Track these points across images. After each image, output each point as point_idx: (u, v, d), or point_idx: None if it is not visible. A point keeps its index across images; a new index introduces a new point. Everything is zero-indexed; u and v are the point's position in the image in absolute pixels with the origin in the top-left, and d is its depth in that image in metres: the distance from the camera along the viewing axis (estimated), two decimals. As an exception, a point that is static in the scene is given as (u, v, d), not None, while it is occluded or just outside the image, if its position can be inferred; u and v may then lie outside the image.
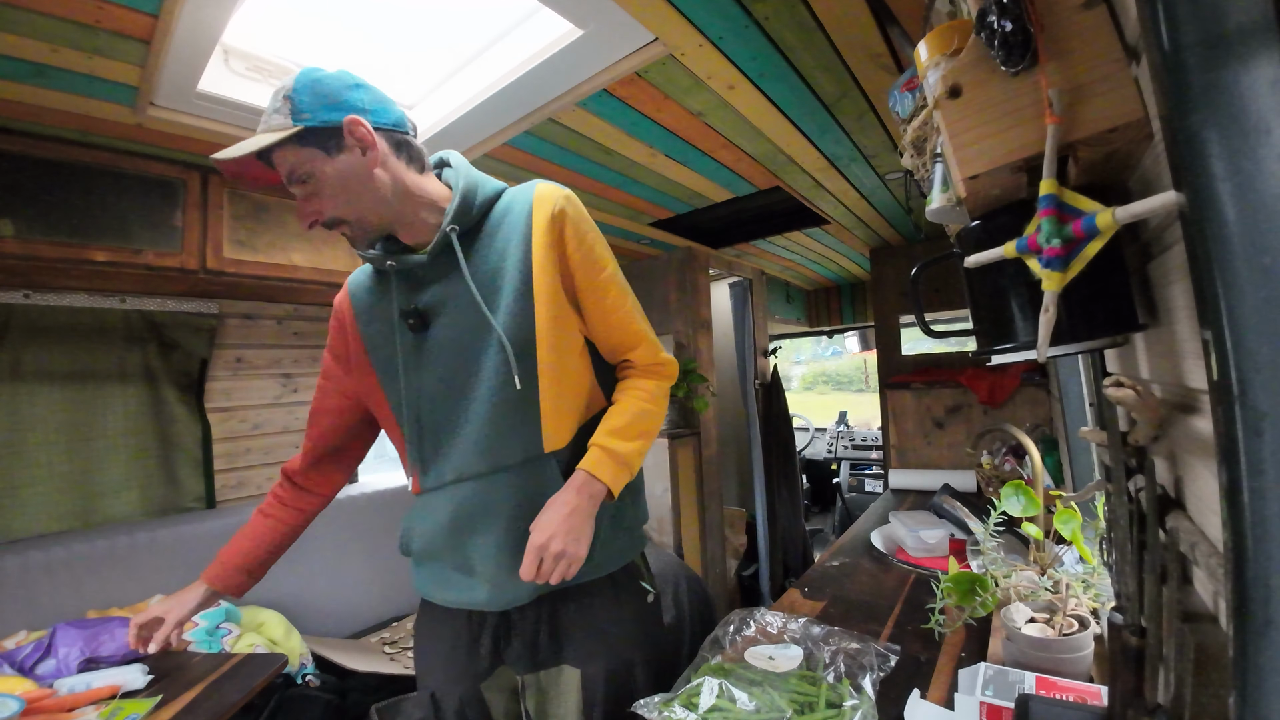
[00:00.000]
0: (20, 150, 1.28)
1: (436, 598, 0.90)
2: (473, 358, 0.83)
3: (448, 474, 0.85)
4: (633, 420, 0.86)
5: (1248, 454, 0.30)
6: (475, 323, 0.82)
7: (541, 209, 0.83)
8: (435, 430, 0.86)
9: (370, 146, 0.78)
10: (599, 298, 0.87)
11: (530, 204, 0.84)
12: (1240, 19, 0.31)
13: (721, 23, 1.06)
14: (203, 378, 1.85)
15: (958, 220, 0.71)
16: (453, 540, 0.85)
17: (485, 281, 0.83)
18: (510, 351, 0.79)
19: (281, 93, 0.75)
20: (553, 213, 0.83)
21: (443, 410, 0.85)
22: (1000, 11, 0.48)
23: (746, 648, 0.97)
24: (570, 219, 0.84)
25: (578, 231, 0.85)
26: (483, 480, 0.83)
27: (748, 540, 3.24)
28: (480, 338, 0.82)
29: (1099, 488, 0.77)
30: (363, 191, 0.78)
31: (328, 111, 0.75)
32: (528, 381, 0.81)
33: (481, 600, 0.84)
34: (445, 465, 0.85)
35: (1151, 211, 0.43)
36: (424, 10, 1.21)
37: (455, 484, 0.84)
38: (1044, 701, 0.71)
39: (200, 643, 1.44)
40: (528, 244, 0.82)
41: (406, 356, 0.85)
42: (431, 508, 0.87)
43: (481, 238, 0.85)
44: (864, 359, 9.05)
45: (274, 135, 0.73)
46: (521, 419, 0.82)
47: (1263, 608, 0.30)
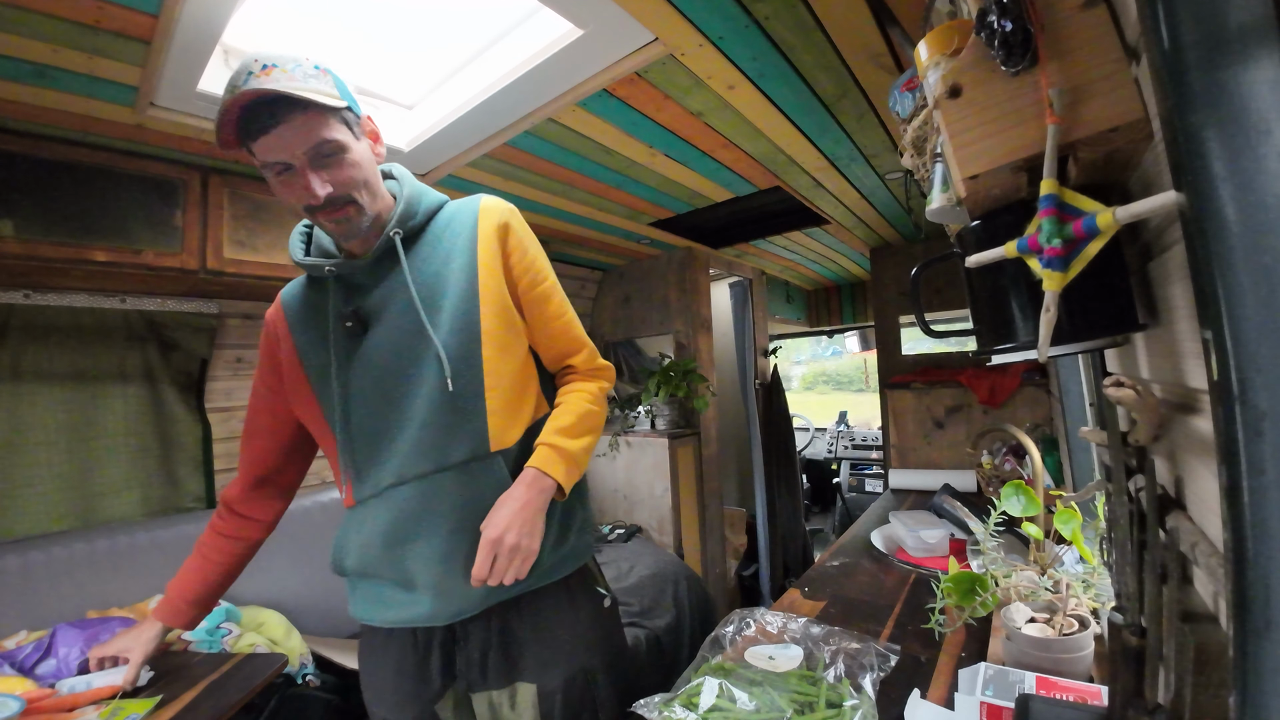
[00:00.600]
0: (20, 150, 1.28)
1: (377, 620, 0.86)
2: (411, 360, 0.81)
3: (385, 478, 0.81)
4: (579, 420, 0.86)
5: (1248, 454, 0.30)
6: (415, 326, 0.81)
7: (488, 219, 0.86)
8: (371, 435, 0.83)
9: (378, 142, 0.81)
10: (541, 306, 0.89)
11: (476, 213, 0.87)
12: (1240, 19, 0.31)
13: (722, 23, 1.06)
14: (203, 378, 1.85)
15: (958, 220, 0.71)
16: (391, 551, 0.81)
17: (427, 285, 0.83)
18: (444, 354, 0.79)
19: (309, 64, 0.74)
20: (499, 223, 0.86)
21: (379, 414, 0.82)
22: (1000, 11, 0.48)
23: (746, 647, 0.97)
24: (514, 230, 0.88)
25: (521, 243, 0.88)
26: (424, 482, 0.80)
27: (748, 540, 3.24)
28: (419, 340, 0.81)
29: (1099, 488, 0.77)
30: (374, 179, 0.81)
31: (352, 100, 0.78)
32: (472, 381, 0.81)
33: (424, 614, 0.81)
34: (383, 470, 0.82)
35: (1152, 211, 0.43)
36: (424, 10, 1.21)
37: (393, 488, 0.81)
38: (1044, 701, 0.71)
39: (200, 643, 1.44)
40: (473, 249, 0.84)
41: (340, 360, 0.83)
42: (367, 518, 0.83)
43: (423, 244, 0.86)
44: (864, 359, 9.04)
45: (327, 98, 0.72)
46: (466, 417, 0.80)
47: (1263, 608, 0.30)
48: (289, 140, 0.72)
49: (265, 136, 0.72)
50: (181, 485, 1.80)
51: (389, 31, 1.25)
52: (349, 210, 0.79)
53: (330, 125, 0.74)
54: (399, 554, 0.81)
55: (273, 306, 0.93)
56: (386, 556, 0.82)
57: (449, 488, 0.80)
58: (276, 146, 0.72)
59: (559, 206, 2.04)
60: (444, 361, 0.79)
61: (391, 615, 0.84)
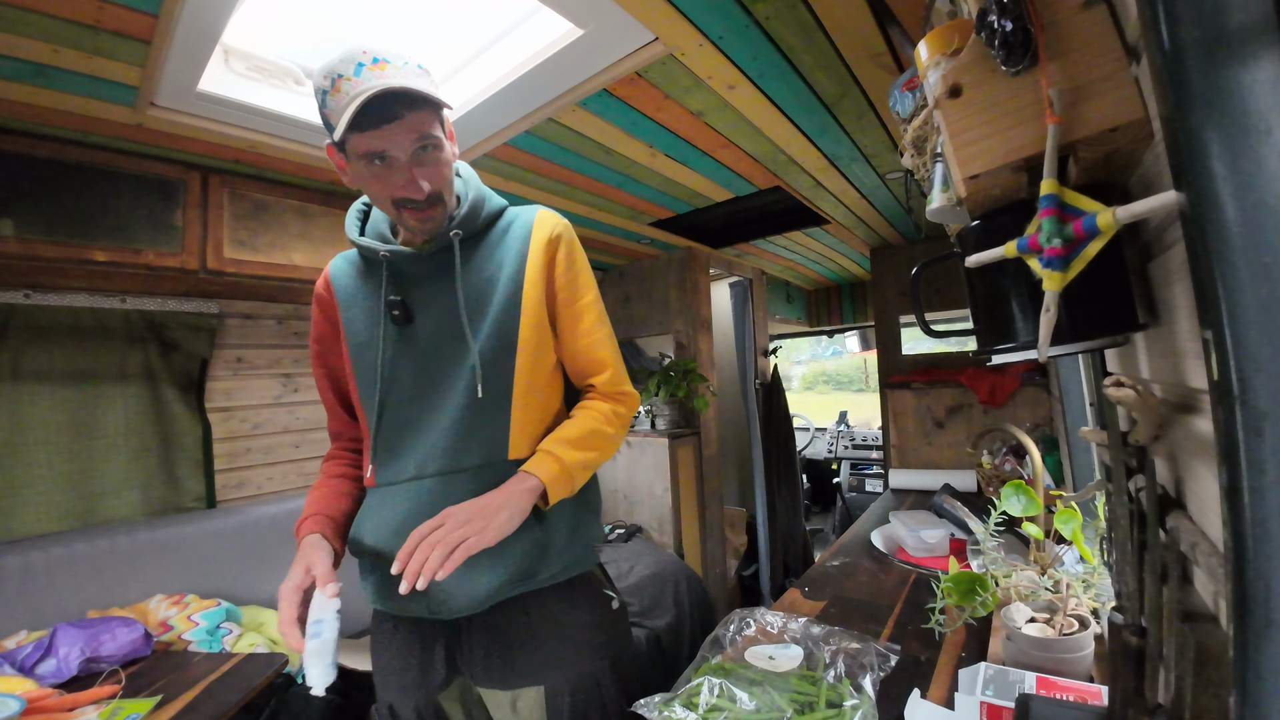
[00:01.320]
0: (20, 150, 1.28)
1: (384, 606, 0.87)
2: (448, 361, 0.83)
3: (406, 470, 0.83)
4: (585, 434, 0.85)
5: (1248, 454, 0.30)
6: (456, 329, 0.83)
7: (541, 229, 0.88)
8: (400, 425, 0.85)
9: (453, 143, 0.84)
10: (575, 320, 0.90)
11: (531, 223, 0.89)
12: (1241, 18, 0.31)
13: (722, 22, 1.06)
14: (203, 377, 1.86)
15: (958, 220, 0.71)
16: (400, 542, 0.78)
17: (474, 290, 0.85)
18: (479, 362, 0.81)
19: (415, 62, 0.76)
20: (550, 235, 0.88)
21: (411, 406, 0.84)
22: (1000, 11, 0.48)
23: (747, 647, 0.97)
24: (565, 242, 0.89)
25: (569, 255, 0.89)
26: (440, 480, 0.81)
27: (748, 540, 3.24)
28: (459, 344, 0.83)
29: (1099, 487, 0.77)
30: (453, 181, 0.84)
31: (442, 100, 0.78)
32: (502, 389, 0.82)
33: (426, 608, 0.81)
34: (404, 462, 0.84)
35: (1152, 211, 0.43)
36: (424, 10, 1.21)
37: (412, 481, 0.82)
38: (1044, 701, 0.71)
39: (200, 642, 1.44)
40: (523, 260, 0.86)
41: (385, 346, 0.85)
42: (385, 504, 0.84)
43: (480, 248, 0.88)
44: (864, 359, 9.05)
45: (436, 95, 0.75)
46: (490, 423, 0.82)
47: (1263, 608, 0.30)
48: (399, 135, 0.74)
49: (376, 130, 0.73)
50: (181, 485, 1.80)
51: (389, 32, 1.25)
52: (437, 210, 0.81)
53: (434, 123, 0.77)
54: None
55: (321, 280, 0.95)
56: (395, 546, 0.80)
57: (462, 489, 0.80)
58: (384, 140, 0.74)
59: (559, 206, 2.04)
60: (478, 369, 0.81)
61: (396, 604, 0.85)
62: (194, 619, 1.48)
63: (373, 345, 0.86)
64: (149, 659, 1.30)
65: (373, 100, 0.70)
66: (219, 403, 1.92)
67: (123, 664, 1.26)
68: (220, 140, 1.39)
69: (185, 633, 1.44)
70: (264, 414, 2.04)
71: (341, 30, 1.25)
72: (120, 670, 1.22)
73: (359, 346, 0.87)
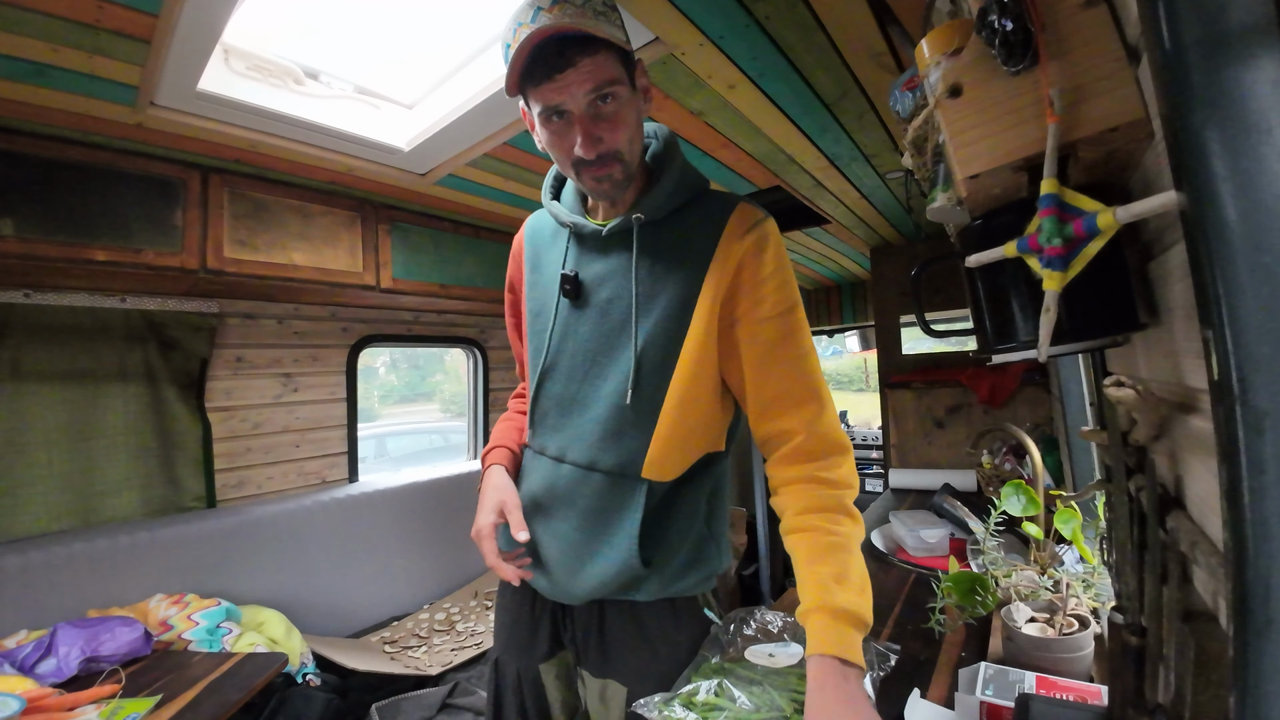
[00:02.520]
0: (20, 150, 1.28)
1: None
2: (609, 351, 0.79)
3: (552, 447, 0.83)
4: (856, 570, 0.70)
5: (1248, 453, 0.30)
6: (623, 320, 0.78)
7: (736, 225, 0.76)
8: (554, 401, 0.83)
9: (651, 96, 0.75)
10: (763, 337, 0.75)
11: (725, 218, 0.76)
12: (1241, 18, 0.31)
13: (722, 22, 1.06)
14: (203, 377, 1.86)
15: (958, 219, 0.71)
16: (536, 513, 0.84)
17: (650, 282, 0.77)
18: (635, 364, 0.75)
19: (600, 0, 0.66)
20: (745, 233, 0.75)
21: (569, 386, 0.82)
22: (1001, 11, 0.48)
23: (747, 646, 0.97)
24: (761, 243, 0.76)
25: (764, 260, 0.75)
26: (577, 470, 0.80)
27: (748, 539, 3.24)
28: (622, 337, 0.77)
29: (1099, 487, 0.77)
30: (639, 136, 0.74)
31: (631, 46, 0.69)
32: (653, 400, 0.76)
33: (542, 587, 0.84)
34: (553, 438, 0.83)
35: (1152, 211, 0.43)
36: (424, 10, 1.21)
37: (555, 461, 0.83)
38: (1044, 701, 0.71)
39: (200, 642, 1.44)
40: (706, 260, 0.75)
41: (559, 318, 0.83)
42: (534, 471, 0.86)
43: (664, 233, 0.78)
44: (864, 359, 9.05)
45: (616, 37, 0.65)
46: (633, 432, 0.77)
47: (1263, 607, 0.30)
48: (571, 85, 0.66)
49: (549, 82, 0.66)
50: (181, 485, 1.80)
51: (389, 31, 1.25)
52: (614, 168, 0.72)
53: (615, 71, 0.67)
54: (538, 519, 0.83)
55: (519, 234, 0.93)
56: (531, 515, 0.84)
57: (594, 488, 0.79)
58: (559, 92, 0.67)
59: (559, 206, 2.04)
60: (631, 372, 0.75)
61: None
62: (194, 618, 1.49)
63: (544, 315, 0.84)
64: (149, 658, 1.30)
65: (544, 46, 0.64)
66: (219, 402, 1.92)
67: (123, 663, 1.26)
68: (220, 140, 1.39)
69: (185, 632, 1.44)
70: (264, 414, 2.04)
71: (341, 30, 1.25)
72: (120, 670, 1.22)
73: (535, 312, 0.87)
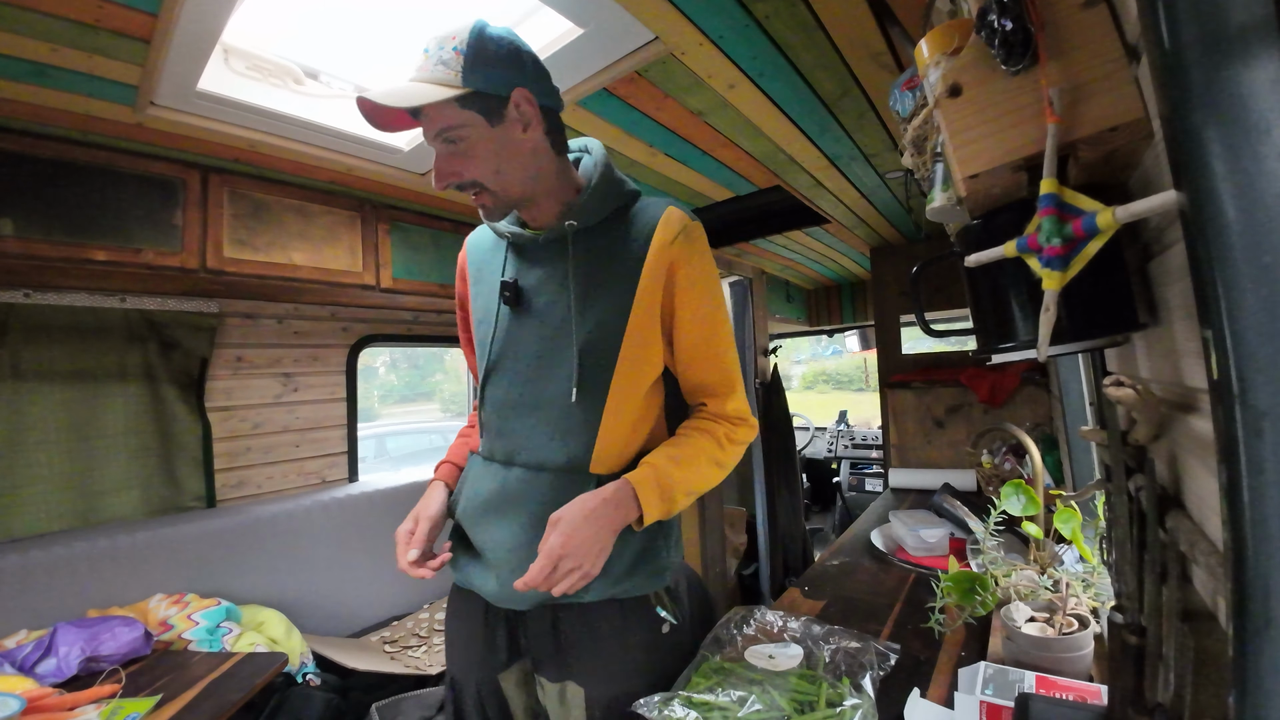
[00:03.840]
0: (20, 150, 1.28)
1: (457, 577, 0.90)
2: (550, 355, 0.82)
3: (500, 451, 0.85)
4: (697, 456, 0.81)
5: (1248, 453, 0.30)
6: (562, 325, 0.81)
7: (665, 231, 0.81)
8: (503, 405, 0.86)
9: (532, 124, 0.77)
10: (695, 334, 0.84)
11: (655, 223, 0.82)
12: (1241, 18, 0.31)
13: (722, 22, 1.06)
14: (203, 377, 1.86)
15: (958, 219, 0.71)
16: (482, 518, 0.85)
17: (587, 285, 0.81)
18: (577, 365, 0.79)
19: (452, 43, 0.72)
20: (674, 237, 0.81)
21: (514, 390, 0.85)
22: (1001, 10, 0.48)
23: (747, 646, 0.97)
24: (689, 247, 0.82)
25: (694, 264, 0.82)
26: (527, 472, 0.82)
27: (748, 539, 3.24)
28: (562, 340, 0.81)
29: (1099, 487, 0.77)
30: (512, 166, 0.77)
31: (498, 78, 0.73)
32: (595, 396, 0.80)
33: (489, 591, 0.84)
34: (501, 442, 0.85)
35: (1152, 211, 0.43)
36: (424, 9, 1.21)
37: (505, 465, 0.84)
38: (1044, 700, 0.71)
39: (200, 642, 1.44)
40: (640, 263, 0.81)
41: (499, 325, 0.86)
42: (481, 476, 0.87)
43: (599, 239, 0.83)
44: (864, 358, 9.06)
45: (442, 91, 0.71)
46: (580, 429, 0.80)
47: (1263, 607, 0.30)
48: (426, 129, 0.76)
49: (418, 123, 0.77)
50: (182, 484, 1.80)
51: (389, 31, 1.25)
52: (481, 196, 0.79)
53: (451, 112, 0.73)
54: (486, 525, 0.84)
55: (462, 249, 0.98)
56: (478, 521, 0.85)
57: (544, 487, 0.81)
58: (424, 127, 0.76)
59: (559, 206, 2.04)
60: (575, 370, 0.79)
61: (465, 577, 0.88)
62: (194, 618, 1.49)
63: (486, 322, 0.87)
64: (149, 658, 1.30)
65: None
66: (219, 402, 1.92)
67: (123, 663, 1.26)
68: (220, 139, 1.38)
69: (185, 632, 1.44)
70: (264, 413, 2.04)
71: (341, 30, 1.25)
72: (120, 669, 1.22)
73: (479, 321, 0.90)
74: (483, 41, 0.72)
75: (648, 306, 0.81)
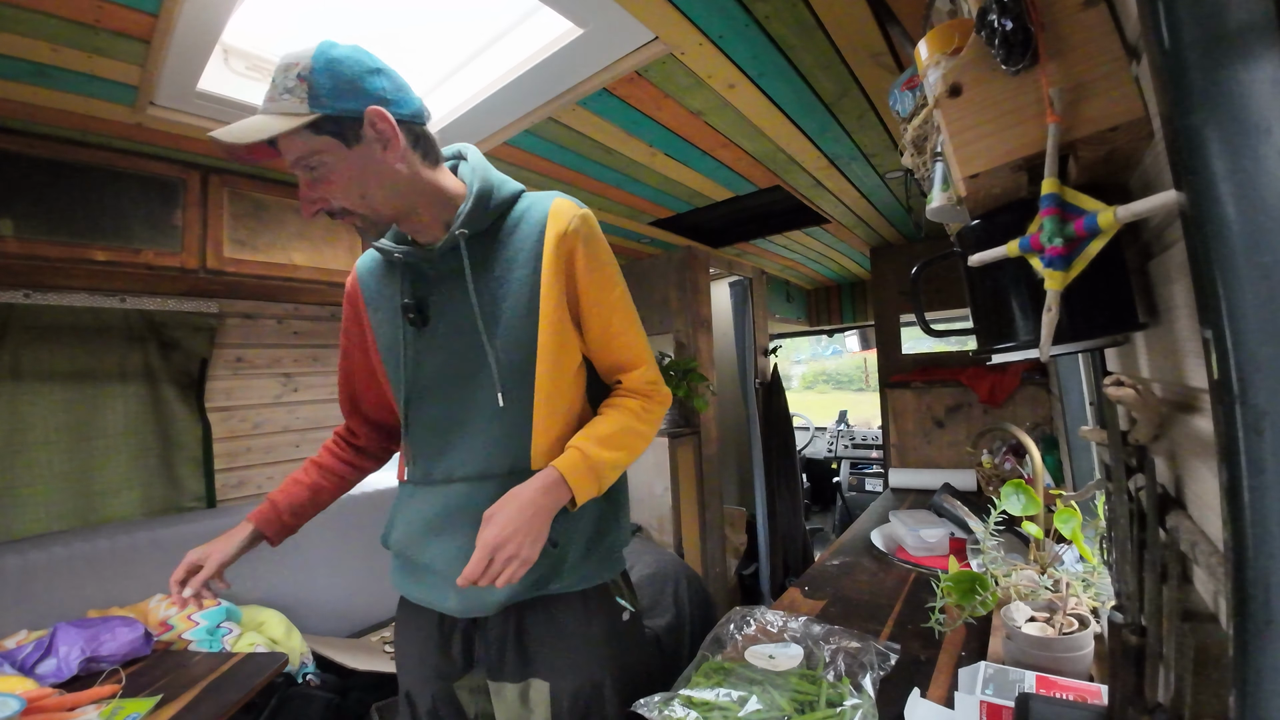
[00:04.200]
0: (20, 150, 1.28)
1: (408, 593, 0.90)
2: (469, 366, 0.82)
3: (436, 472, 0.84)
4: (618, 431, 0.83)
5: (1248, 453, 0.30)
6: (473, 334, 0.82)
7: (556, 224, 0.82)
8: (430, 426, 0.85)
9: (392, 141, 0.74)
10: (604, 318, 0.86)
11: (545, 217, 0.82)
12: (1241, 18, 0.31)
13: (722, 22, 1.06)
14: (203, 377, 1.85)
15: (958, 219, 0.71)
16: (427, 539, 0.84)
17: (489, 291, 0.82)
18: (497, 369, 0.80)
19: (295, 70, 0.69)
20: (567, 230, 0.82)
21: (440, 408, 0.84)
22: (1001, 10, 0.48)
23: (747, 646, 0.97)
24: (584, 238, 0.83)
25: (590, 251, 0.83)
26: (469, 484, 0.82)
27: (748, 539, 3.24)
28: (477, 349, 0.82)
29: (1099, 487, 0.77)
30: (378, 186, 0.75)
31: (349, 99, 0.70)
32: (522, 397, 0.81)
33: (450, 606, 0.83)
34: (435, 463, 0.85)
35: (1152, 210, 0.43)
36: (423, 9, 1.21)
37: (443, 484, 0.84)
38: (1044, 700, 0.71)
39: (200, 642, 1.44)
40: (538, 260, 0.81)
41: (408, 348, 0.85)
42: (416, 501, 0.86)
43: (492, 243, 0.83)
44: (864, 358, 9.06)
45: (289, 121, 0.69)
46: (513, 432, 0.81)
47: (1263, 607, 0.30)
48: (283, 155, 0.73)
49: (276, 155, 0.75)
50: (182, 485, 1.80)
51: (389, 30, 1.25)
52: (349, 218, 0.77)
53: (304, 141, 0.71)
54: (433, 543, 0.84)
55: (350, 277, 0.94)
56: (423, 542, 0.85)
57: (489, 494, 0.80)
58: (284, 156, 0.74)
59: (559, 206, 2.04)
60: (496, 377, 0.80)
61: (419, 594, 0.87)
62: (194, 618, 1.48)
63: (396, 348, 0.86)
64: (149, 658, 1.30)
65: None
66: (219, 402, 1.92)
67: (123, 663, 1.26)
68: (220, 140, 1.38)
69: (185, 632, 1.44)
70: (264, 413, 2.04)
71: (340, 30, 1.24)
72: (120, 670, 1.22)
73: (387, 348, 0.88)
74: (328, 64, 0.69)
75: (554, 300, 0.81)
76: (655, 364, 0.91)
